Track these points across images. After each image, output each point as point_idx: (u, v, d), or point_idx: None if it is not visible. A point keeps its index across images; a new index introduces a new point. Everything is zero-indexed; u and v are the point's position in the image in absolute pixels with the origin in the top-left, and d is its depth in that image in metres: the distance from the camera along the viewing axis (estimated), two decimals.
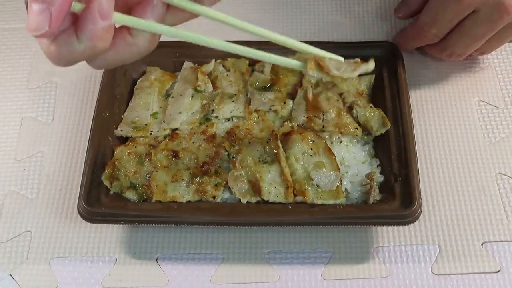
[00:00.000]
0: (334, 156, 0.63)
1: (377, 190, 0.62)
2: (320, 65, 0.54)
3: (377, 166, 0.65)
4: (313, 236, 0.65)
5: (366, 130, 0.67)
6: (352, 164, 0.64)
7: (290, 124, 0.66)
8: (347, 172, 0.63)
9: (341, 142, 0.65)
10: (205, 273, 0.63)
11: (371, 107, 0.67)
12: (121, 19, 0.46)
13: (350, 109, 0.68)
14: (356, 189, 0.63)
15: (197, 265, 0.64)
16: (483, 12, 0.63)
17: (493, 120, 0.72)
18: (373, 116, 0.66)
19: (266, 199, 0.61)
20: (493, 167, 0.69)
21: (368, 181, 0.62)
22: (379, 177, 0.63)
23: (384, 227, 0.65)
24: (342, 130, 0.65)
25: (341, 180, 0.62)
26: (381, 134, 0.65)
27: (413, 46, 0.73)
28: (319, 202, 0.61)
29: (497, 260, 0.63)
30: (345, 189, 0.63)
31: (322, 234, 0.65)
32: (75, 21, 0.44)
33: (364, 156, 0.65)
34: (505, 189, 0.67)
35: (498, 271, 0.62)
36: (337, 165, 0.63)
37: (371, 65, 0.55)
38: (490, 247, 0.64)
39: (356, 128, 0.66)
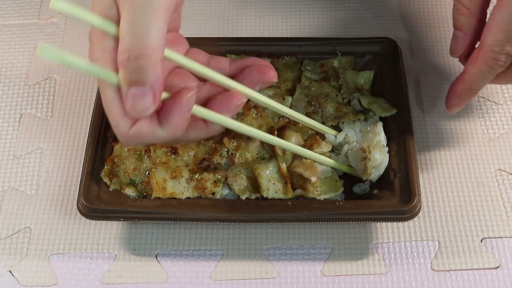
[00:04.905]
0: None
1: (373, 160, 0.60)
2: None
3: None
4: (312, 232, 0.65)
5: (369, 111, 0.66)
6: (358, 138, 0.64)
7: (286, 120, 0.66)
8: (352, 149, 0.63)
9: (343, 122, 0.65)
10: (205, 269, 0.63)
11: (371, 96, 0.67)
12: (199, 111, 0.50)
13: (349, 103, 0.68)
14: (359, 163, 0.62)
15: (197, 261, 0.64)
16: None
17: (492, 116, 0.72)
18: (376, 101, 0.66)
19: (265, 195, 0.61)
20: (492, 163, 0.69)
21: (364, 154, 0.61)
22: (379, 143, 0.62)
23: (383, 223, 0.65)
24: (342, 120, 0.65)
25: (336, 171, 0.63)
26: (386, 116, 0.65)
27: (481, 87, 0.59)
28: (319, 197, 0.61)
29: (496, 256, 0.63)
30: (350, 165, 0.63)
31: (321, 230, 0.65)
32: None
33: (369, 126, 0.65)
34: (505, 185, 0.67)
35: (498, 267, 0.62)
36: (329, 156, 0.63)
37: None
38: (489, 243, 0.64)
39: (357, 113, 0.65)
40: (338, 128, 0.65)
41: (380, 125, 0.64)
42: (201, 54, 0.57)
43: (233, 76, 0.55)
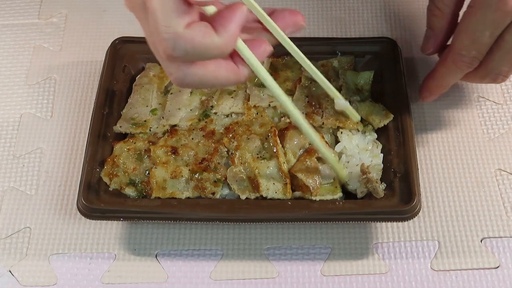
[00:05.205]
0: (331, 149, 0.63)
1: (376, 182, 0.61)
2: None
3: (380, 152, 0.64)
4: (312, 232, 0.65)
5: (368, 123, 0.66)
6: (355, 152, 0.64)
7: (287, 120, 0.66)
8: (348, 162, 0.63)
9: (342, 132, 0.65)
10: (205, 269, 0.63)
11: (370, 101, 0.67)
12: (240, 43, 0.49)
13: (349, 104, 0.68)
14: (355, 181, 0.62)
15: (196, 261, 0.64)
16: None
17: (492, 116, 0.72)
18: (374, 110, 0.66)
19: (264, 195, 0.61)
20: (492, 163, 0.69)
21: (364, 175, 0.61)
22: (379, 166, 0.63)
23: (383, 223, 0.65)
24: (341, 125, 0.65)
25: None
26: (381, 130, 0.65)
27: (450, 83, 0.64)
28: (317, 198, 0.61)
29: (496, 256, 0.63)
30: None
31: (321, 230, 0.65)
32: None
33: (367, 143, 0.65)
34: (504, 185, 0.67)
35: (497, 267, 0.62)
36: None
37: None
38: (489, 243, 0.64)
39: (356, 123, 0.65)
40: (336, 132, 0.66)
41: (380, 147, 0.64)
42: None
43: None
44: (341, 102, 0.62)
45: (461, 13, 0.61)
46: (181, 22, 0.44)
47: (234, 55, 0.49)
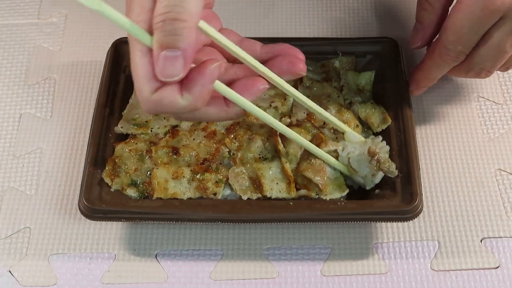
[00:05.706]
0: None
1: (388, 161, 0.61)
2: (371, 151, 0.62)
3: (381, 141, 0.64)
4: (312, 232, 0.65)
5: (366, 125, 0.67)
6: (357, 146, 0.64)
7: (288, 120, 0.66)
8: (353, 152, 0.63)
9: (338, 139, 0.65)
10: (204, 269, 0.63)
11: (371, 103, 0.67)
12: (220, 87, 0.50)
13: (350, 104, 0.68)
14: (364, 166, 0.62)
15: (196, 261, 0.64)
16: (510, 18, 0.56)
17: (492, 116, 0.72)
18: (374, 112, 0.66)
19: (268, 195, 0.61)
20: (492, 163, 0.69)
21: (374, 157, 0.61)
22: (385, 148, 0.62)
23: (384, 223, 0.65)
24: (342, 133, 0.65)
25: (341, 172, 0.63)
26: (382, 130, 0.65)
27: (437, 76, 0.65)
28: (326, 197, 0.61)
29: (496, 256, 0.63)
30: (352, 167, 0.62)
31: (321, 230, 0.65)
32: None
33: (370, 141, 0.65)
34: (504, 185, 0.67)
35: (497, 267, 0.62)
36: (337, 155, 0.63)
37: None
38: (489, 243, 0.64)
39: (357, 126, 0.65)
40: (336, 132, 0.66)
41: (380, 138, 0.64)
42: (233, 34, 0.57)
43: (263, 61, 0.55)
44: (351, 135, 0.64)
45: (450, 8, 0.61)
46: (149, 88, 0.46)
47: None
